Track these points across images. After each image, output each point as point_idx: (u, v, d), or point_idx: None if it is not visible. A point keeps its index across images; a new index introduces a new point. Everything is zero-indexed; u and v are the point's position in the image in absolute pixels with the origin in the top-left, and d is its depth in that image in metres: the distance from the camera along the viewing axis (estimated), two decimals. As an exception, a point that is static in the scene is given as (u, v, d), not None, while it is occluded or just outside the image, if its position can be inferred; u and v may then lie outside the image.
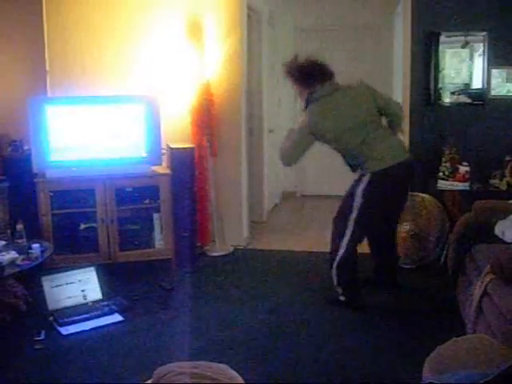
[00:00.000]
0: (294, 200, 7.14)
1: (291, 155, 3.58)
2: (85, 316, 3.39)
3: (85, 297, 3.58)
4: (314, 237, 5.27)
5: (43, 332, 3.20)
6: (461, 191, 4.33)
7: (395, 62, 5.76)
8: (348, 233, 3.45)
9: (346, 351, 3.02)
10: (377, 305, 3.64)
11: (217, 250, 4.83)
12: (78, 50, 4.67)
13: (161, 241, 4.38)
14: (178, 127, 4.68)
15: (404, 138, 4.79)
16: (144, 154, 4.29)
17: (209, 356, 2.86)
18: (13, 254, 3.38)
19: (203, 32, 4.65)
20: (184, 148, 4.49)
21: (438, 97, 4.63)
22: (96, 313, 3.43)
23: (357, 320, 3.42)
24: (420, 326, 3.31)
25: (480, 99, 4.58)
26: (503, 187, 4.31)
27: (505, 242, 3.13)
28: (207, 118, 4.67)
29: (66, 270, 3.62)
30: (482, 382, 1.29)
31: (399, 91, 5.02)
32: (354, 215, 3.42)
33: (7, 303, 3.36)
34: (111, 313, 3.46)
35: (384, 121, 3.64)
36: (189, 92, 4.66)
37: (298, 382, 2.73)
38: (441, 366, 1.62)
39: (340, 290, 3.56)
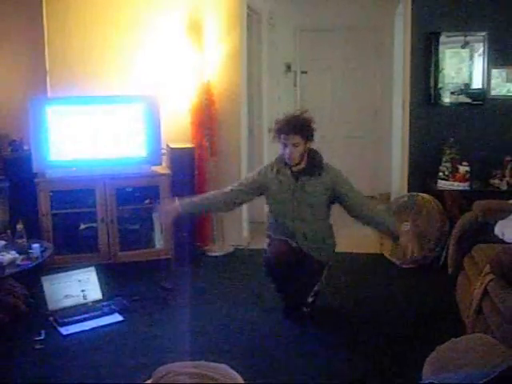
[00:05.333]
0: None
1: None
2: (85, 316, 3.39)
3: (85, 297, 3.58)
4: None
5: (43, 332, 3.19)
6: (461, 191, 4.33)
7: (395, 62, 5.75)
8: None
9: (346, 351, 3.02)
10: (376, 304, 3.64)
11: (217, 250, 4.83)
12: (79, 49, 4.66)
13: (161, 241, 4.38)
14: (178, 127, 4.68)
15: (404, 138, 4.81)
16: (144, 154, 4.29)
17: (209, 356, 2.85)
18: (13, 254, 3.39)
19: (203, 32, 4.65)
20: (184, 148, 4.48)
21: (438, 97, 4.63)
22: (96, 313, 3.43)
23: (357, 320, 3.42)
24: (420, 326, 3.31)
25: (480, 99, 4.58)
26: (503, 187, 4.31)
27: (505, 242, 3.13)
28: (207, 118, 4.67)
29: (66, 270, 3.62)
30: (481, 382, 1.29)
31: (399, 91, 5.01)
32: None
33: (7, 303, 3.36)
34: (111, 313, 3.46)
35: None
36: (189, 92, 4.65)
37: (298, 382, 2.74)
38: (441, 366, 1.62)
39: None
